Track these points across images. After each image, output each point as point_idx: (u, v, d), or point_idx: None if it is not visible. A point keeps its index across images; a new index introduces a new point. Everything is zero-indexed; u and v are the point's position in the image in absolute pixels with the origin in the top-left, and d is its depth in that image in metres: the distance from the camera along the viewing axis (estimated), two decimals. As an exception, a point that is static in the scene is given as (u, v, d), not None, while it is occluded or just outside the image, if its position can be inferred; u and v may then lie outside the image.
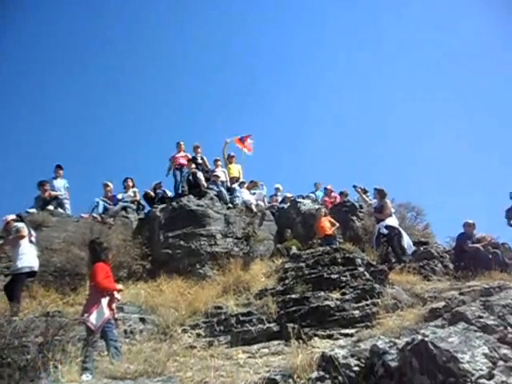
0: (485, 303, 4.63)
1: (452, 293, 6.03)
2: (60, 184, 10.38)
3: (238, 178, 12.26)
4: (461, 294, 5.77)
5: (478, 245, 8.32)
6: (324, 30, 48.97)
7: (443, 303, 5.32)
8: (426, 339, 2.67)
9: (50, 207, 9.49)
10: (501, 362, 2.57)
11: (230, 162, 12.62)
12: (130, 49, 48.61)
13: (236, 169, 12.59)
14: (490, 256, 8.03)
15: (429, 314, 5.14)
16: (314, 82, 52.23)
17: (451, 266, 8.74)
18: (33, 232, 7.09)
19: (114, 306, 5.00)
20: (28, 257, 6.62)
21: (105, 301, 4.80)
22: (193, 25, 49.04)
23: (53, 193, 9.98)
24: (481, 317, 4.35)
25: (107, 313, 4.74)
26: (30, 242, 6.85)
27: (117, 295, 5.00)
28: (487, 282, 6.34)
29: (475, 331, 2.94)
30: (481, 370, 2.45)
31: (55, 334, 5.64)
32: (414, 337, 2.83)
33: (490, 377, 2.40)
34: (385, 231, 8.87)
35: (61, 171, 10.61)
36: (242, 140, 13.22)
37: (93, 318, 4.64)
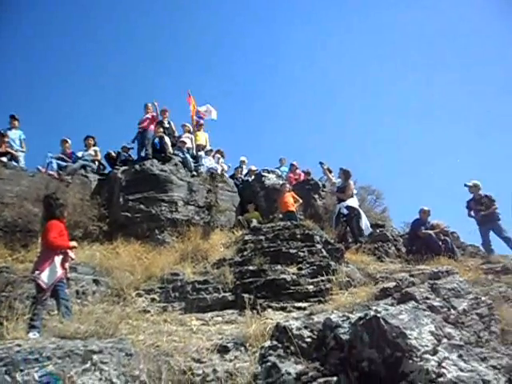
0: (432, 286, 4.86)
1: (403, 274, 6.27)
2: (15, 135, 9.76)
3: (205, 147, 12.08)
4: (411, 275, 6.01)
5: (430, 231, 8.66)
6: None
7: (394, 283, 5.53)
8: (379, 315, 2.75)
9: (3, 159, 8.93)
10: (445, 340, 2.70)
11: (198, 130, 12.38)
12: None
13: (203, 137, 12.38)
14: (441, 243, 8.41)
15: (380, 292, 5.32)
16: (282, 56, 51.92)
17: (404, 249, 9.11)
18: None
19: (67, 265, 4.83)
20: None
21: (58, 259, 4.63)
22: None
23: (8, 149, 9.38)
24: (428, 298, 4.58)
25: (60, 271, 4.59)
26: None
27: (71, 254, 4.82)
28: (436, 266, 6.65)
29: (424, 310, 3.08)
30: (426, 346, 2.56)
31: (2, 290, 5.46)
32: (367, 312, 2.92)
33: (434, 352, 2.51)
34: (345, 211, 9.07)
35: (16, 122, 9.96)
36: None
37: (44, 276, 4.49)
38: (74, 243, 4.93)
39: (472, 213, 9.42)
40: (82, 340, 3.85)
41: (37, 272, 4.54)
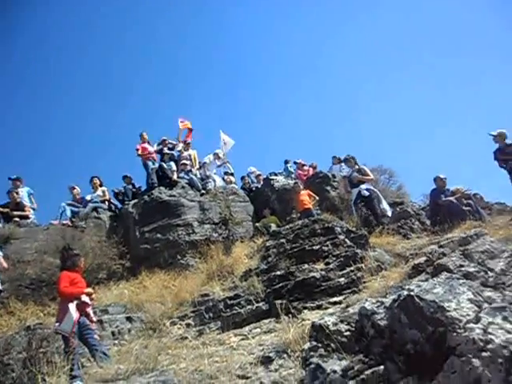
0: (464, 252, 4.70)
1: (432, 247, 6.09)
2: (23, 193, 9.89)
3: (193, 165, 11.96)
4: (440, 246, 5.83)
5: (451, 198, 8.46)
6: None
7: (424, 258, 5.37)
8: (412, 293, 2.64)
9: (16, 219, 9.06)
10: (486, 305, 2.58)
11: (186, 150, 12.33)
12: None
13: (192, 155, 12.31)
14: (464, 207, 8.20)
15: (412, 270, 5.18)
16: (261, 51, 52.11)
17: (428, 222, 8.91)
18: None
19: (89, 310, 4.83)
20: None
21: (72, 305, 4.65)
22: None
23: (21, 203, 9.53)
24: (462, 265, 4.41)
25: (75, 315, 4.59)
26: None
27: (85, 298, 4.79)
28: (464, 232, 6.46)
29: (458, 279, 2.95)
30: (467, 315, 2.45)
31: (39, 346, 5.47)
32: (400, 293, 2.81)
33: (477, 320, 2.39)
34: (366, 193, 8.91)
35: (18, 182, 9.97)
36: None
37: (64, 325, 4.54)
38: (88, 290, 4.93)
39: (501, 164, 8.82)
40: (125, 380, 3.82)
41: (57, 324, 4.62)
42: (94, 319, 4.91)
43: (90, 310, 4.84)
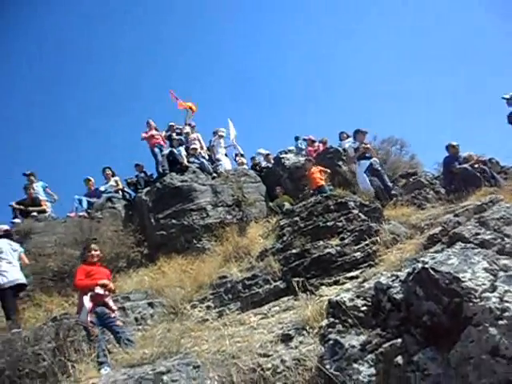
0: (479, 219, 4.63)
1: (447, 216, 6.03)
2: (37, 188, 10.08)
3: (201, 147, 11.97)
4: (455, 215, 5.76)
5: (465, 165, 8.32)
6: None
7: (440, 228, 5.33)
8: (426, 266, 2.64)
9: (34, 214, 9.26)
10: (501, 273, 2.56)
11: (193, 132, 12.29)
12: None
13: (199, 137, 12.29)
14: (479, 173, 8.05)
15: (427, 241, 5.15)
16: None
17: (443, 191, 8.79)
18: (15, 246, 6.92)
19: (107, 299, 4.98)
20: (9, 273, 6.50)
21: (86, 297, 4.83)
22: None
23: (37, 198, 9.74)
24: (478, 233, 4.36)
25: (88, 306, 4.76)
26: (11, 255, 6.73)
27: (98, 290, 4.92)
28: (479, 199, 6.35)
29: (473, 248, 2.93)
30: (483, 284, 2.44)
31: (66, 336, 5.66)
32: (415, 266, 2.81)
33: (494, 289, 2.39)
34: (379, 167, 8.86)
35: (32, 177, 10.23)
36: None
37: (81, 316, 4.77)
38: (103, 281, 5.03)
39: None
40: (150, 364, 3.93)
41: (77, 316, 4.90)
42: (114, 307, 5.04)
43: (108, 300, 4.97)
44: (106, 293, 5.00)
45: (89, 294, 4.85)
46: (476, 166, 8.30)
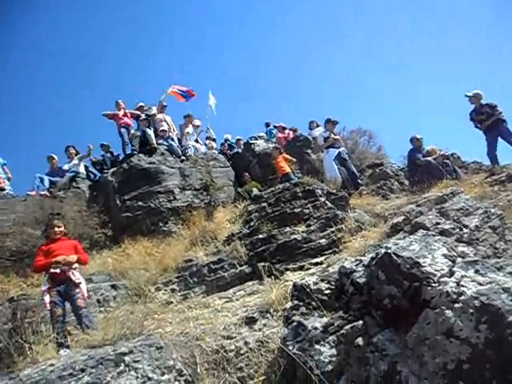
0: (440, 210, 4.82)
1: (410, 206, 6.21)
2: None
3: (169, 129, 11.75)
4: (418, 205, 5.94)
5: (429, 158, 8.58)
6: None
7: (402, 217, 5.48)
8: (389, 251, 2.72)
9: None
10: (459, 259, 2.68)
11: (162, 112, 11.99)
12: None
13: (168, 120, 12.04)
14: (441, 166, 8.33)
15: (390, 229, 5.30)
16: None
17: (407, 182, 9.07)
18: None
19: (70, 274, 4.79)
20: None
21: (44, 278, 4.78)
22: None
23: None
24: (438, 223, 4.55)
25: (44, 286, 4.71)
26: None
27: (53, 269, 4.73)
28: (441, 190, 6.59)
29: (433, 235, 3.04)
30: (442, 269, 2.54)
31: (24, 317, 5.47)
32: (378, 251, 2.89)
33: (451, 274, 2.49)
34: (346, 156, 8.99)
35: None
36: (183, 95, 12.71)
37: (45, 297, 4.64)
38: (56, 258, 4.81)
39: (477, 124, 8.86)
40: (112, 345, 3.87)
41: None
42: (77, 280, 4.83)
43: (71, 274, 4.80)
44: (66, 267, 4.82)
45: (46, 275, 4.73)
46: (440, 159, 8.58)
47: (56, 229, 5.09)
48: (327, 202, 7.10)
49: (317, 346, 2.80)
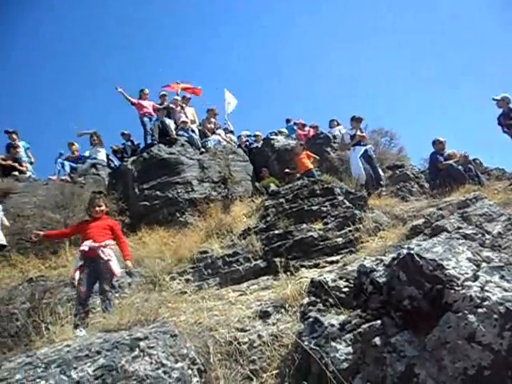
0: (462, 214, 4.74)
1: (430, 210, 6.11)
2: (20, 148, 9.80)
3: (193, 121, 11.83)
4: (439, 209, 5.86)
5: (450, 161, 8.43)
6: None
7: (423, 220, 5.40)
8: (412, 252, 2.68)
9: (15, 173, 9.03)
10: (484, 264, 2.63)
11: (185, 104, 12.04)
12: None
13: (190, 112, 12.13)
14: (464, 171, 8.18)
15: (410, 231, 5.22)
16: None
17: (427, 185, 8.93)
18: None
19: (98, 251, 4.75)
20: None
21: (77, 255, 4.78)
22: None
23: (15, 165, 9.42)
24: (460, 227, 4.47)
25: (78, 262, 4.68)
26: None
27: (82, 247, 4.72)
28: (463, 195, 6.47)
29: (458, 239, 2.99)
30: (466, 273, 2.50)
31: (42, 297, 5.60)
32: (400, 251, 2.85)
33: (475, 278, 2.44)
34: (373, 154, 8.89)
35: (15, 136, 9.89)
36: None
37: (75, 274, 4.61)
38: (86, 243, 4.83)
39: (505, 129, 8.59)
40: (127, 330, 3.92)
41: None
42: (105, 258, 4.76)
43: (99, 252, 4.75)
44: (95, 245, 4.82)
45: (79, 254, 4.76)
46: (462, 163, 8.42)
47: (97, 208, 5.04)
48: (345, 200, 7.04)
49: (333, 343, 2.78)
